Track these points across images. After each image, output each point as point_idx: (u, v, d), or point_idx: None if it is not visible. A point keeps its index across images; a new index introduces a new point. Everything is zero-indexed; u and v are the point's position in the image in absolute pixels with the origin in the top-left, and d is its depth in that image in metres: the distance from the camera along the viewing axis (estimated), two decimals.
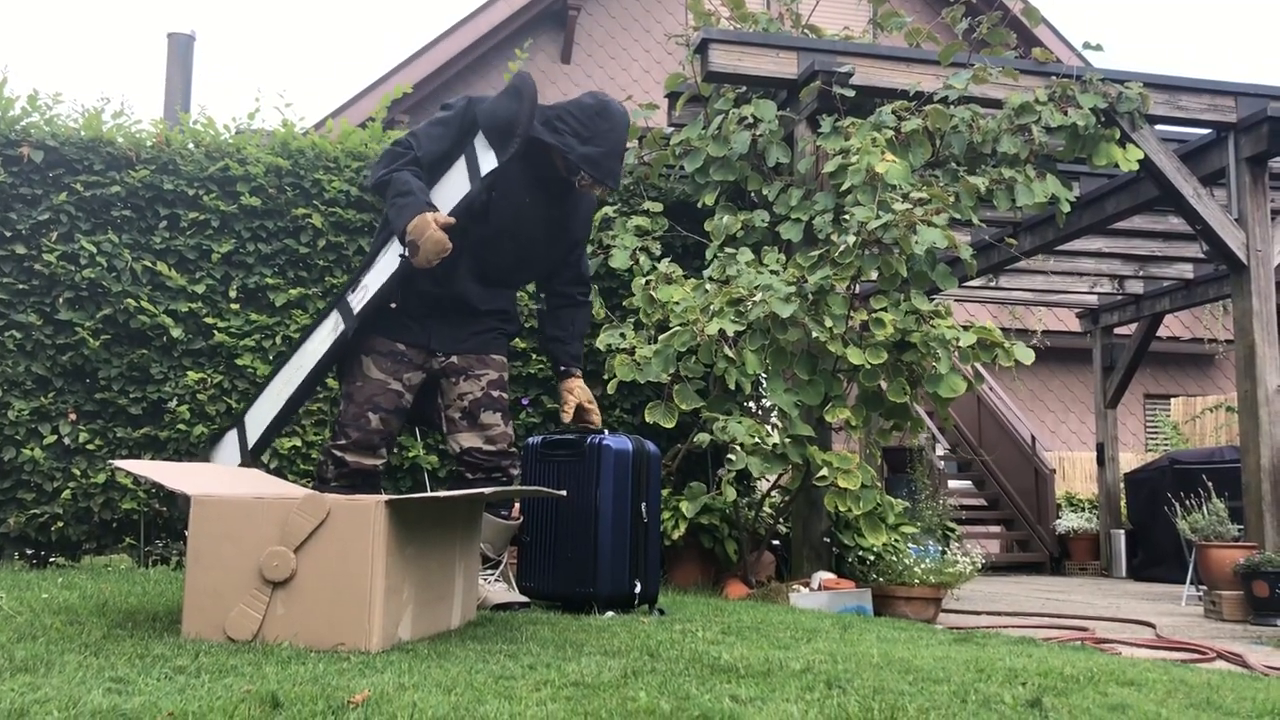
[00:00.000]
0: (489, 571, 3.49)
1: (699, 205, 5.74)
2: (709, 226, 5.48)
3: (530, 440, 3.63)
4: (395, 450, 5.22)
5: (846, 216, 4.80)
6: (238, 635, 2.46)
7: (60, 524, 4.94)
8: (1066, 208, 5.46)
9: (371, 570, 2.43)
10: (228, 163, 5.33)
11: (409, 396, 3.36)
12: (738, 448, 4.62)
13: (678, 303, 4.80)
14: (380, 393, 3.30)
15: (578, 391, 3.51)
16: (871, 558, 5.08)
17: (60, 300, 5.06)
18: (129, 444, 5.07)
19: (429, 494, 2.57)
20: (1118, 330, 10.53)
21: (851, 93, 5.36)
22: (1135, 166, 5.63)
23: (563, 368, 3.55)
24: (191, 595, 2.52)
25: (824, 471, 4.61)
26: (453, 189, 3.17)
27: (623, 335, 4.99)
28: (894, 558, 4.99)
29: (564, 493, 3.19)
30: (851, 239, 4.66)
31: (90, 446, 5.00)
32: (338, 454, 3.29)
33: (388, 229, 3.19)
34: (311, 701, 1.84)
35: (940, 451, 10.52)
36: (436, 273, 3.18)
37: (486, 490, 2.88)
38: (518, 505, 3.62)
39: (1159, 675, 2.64)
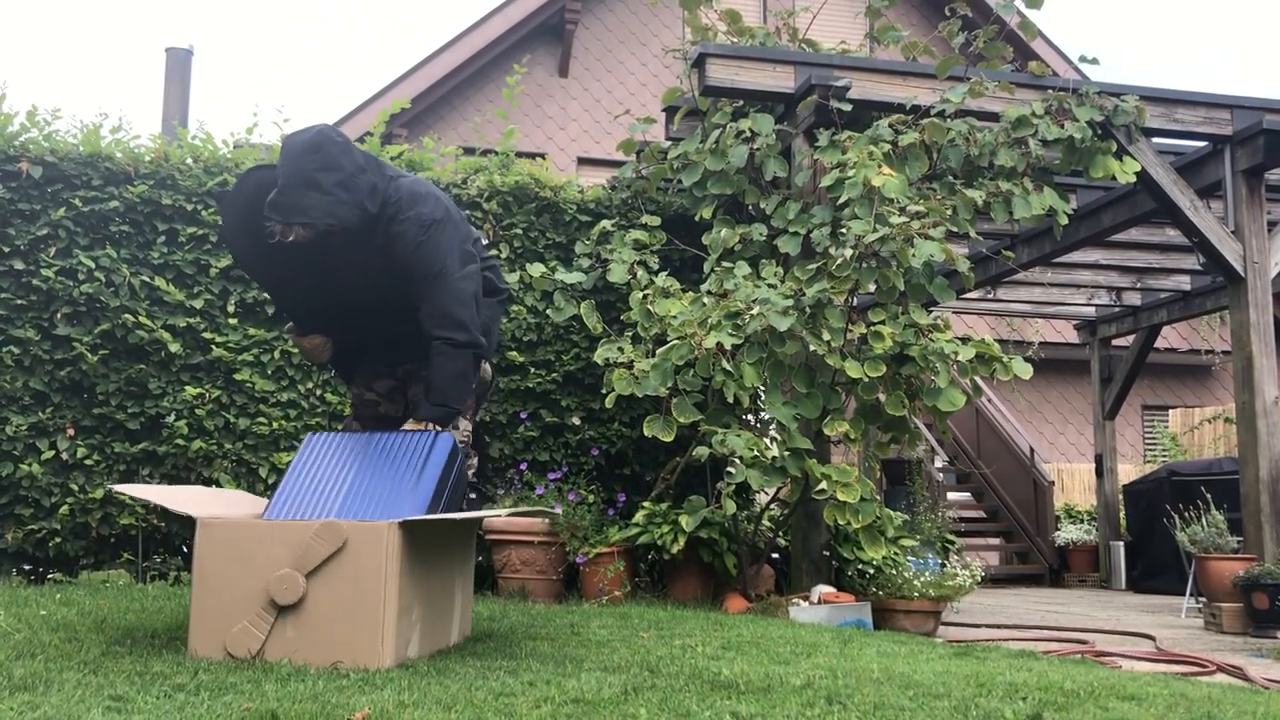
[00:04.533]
0: None
1: (697, 219, 5.76)
2: (707, 240, 5.49)
3: None
4: None
5: (844, 229, 4.81)
6: (237, 652, 2.45)
7: (58, 539, 4.93)
8: (1064, 220, 5.48)
9: (385, 592, 2.43)
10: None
11: (386, 405, 3.48)
12: (737, 461, 4.62)
13: (675, 316, 4.81)
14: (359, 403, 3.49)
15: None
16: (871, 571, 5.07)
17: (58, 315, 5.06)
18: (127, 459, 5.06)
19: (439, 515, 2.56)
20: (1115, 342, 10.54)
21: (848, 106, 5.38)
22: (1132, 179, 5.65)
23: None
24: (198, 618, 2.50)
25: (823, 485, 4.61)
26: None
27: (621, 349, 4.99)
28: (893, 571, 4.98)
29: (558, 510, 3.19)
30: (849, 252, 4.66)
31: (88, 462, 5.00)
32: None
33: None
34: (311, 719, 1.83)
35: (939, 463, 10.51)
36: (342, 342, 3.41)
37: (502, 512, 2.88)
38: None
39: (1159, 689, 2.63)
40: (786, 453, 4.66)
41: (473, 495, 3.49)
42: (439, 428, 3.04)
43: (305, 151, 2.94)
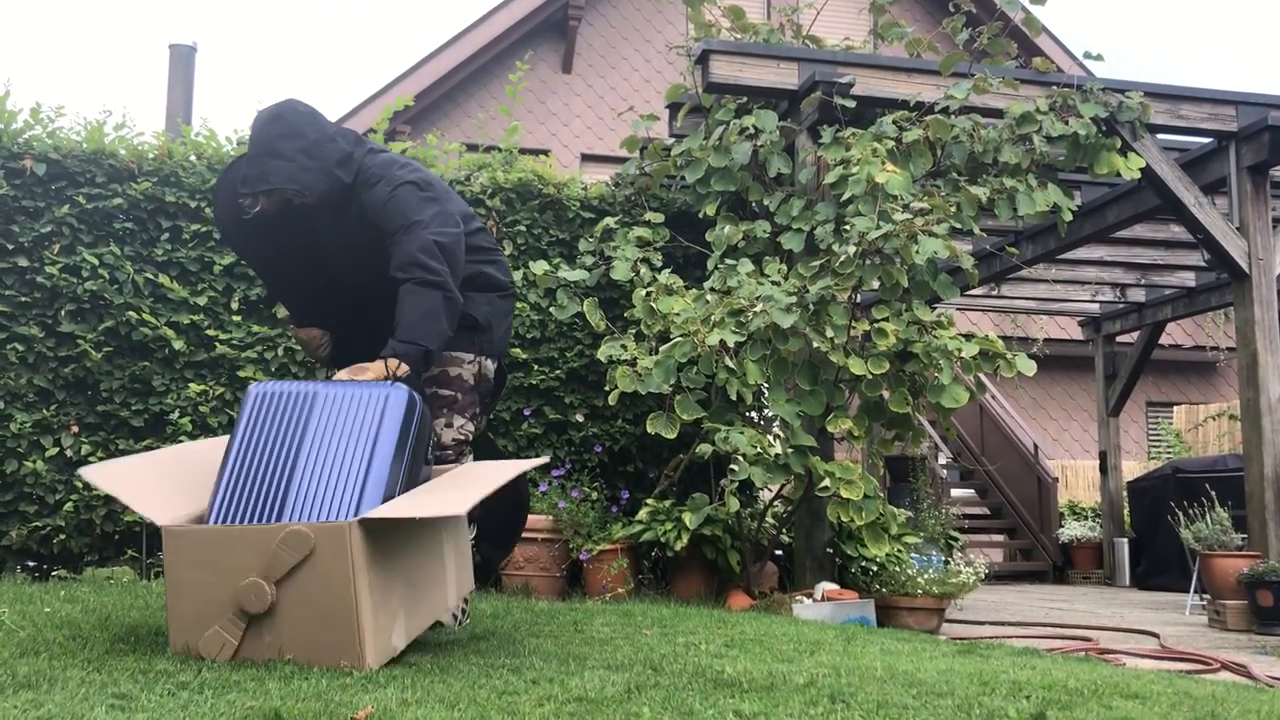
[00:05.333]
0: None
1: (700, 216, 5.75)
2: (710, 237, 5.49)
3: None
4: None
5: (847, 226, 4.80)
6: (216, 658, 2.42)
7: (62, 536, 4.94)
8: (1068, 217, 5.46)
9: (355, 592, 2.37)
10: None
11: None
12: (740, 458, 4.62)
13: (678, 314, 4.81)
14: None
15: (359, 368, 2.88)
16: (874, 568, 5.06)
17: (62, 313, 5.06)
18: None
19: (398, 515, 2.48)
20: (1120, 338, 10.52)
21: (852, 103, 5.37)
22: (1136, 175, 5.63)
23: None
24: (175, 624, 2.47)
25: (826, 482, 4.61)
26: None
27: (624, 346, 4.99)
28: (897, 568, 4.98)
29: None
30: (852, 249, 4.66)
31: (92, 459, 5.00)
32: None
33: None
34: (315, 718, 1.83)
35: (943, 460, 10.50)
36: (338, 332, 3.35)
37: (480, 498, 2.81)
38: None
39: (1163, 687, 2.63)
40: (790, 450, 4.66)
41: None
42: (404, 367, 2.84)
43: (267, 121, 2.93)
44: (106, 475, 2.67)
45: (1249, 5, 54.22)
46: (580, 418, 5.64)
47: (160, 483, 2.79)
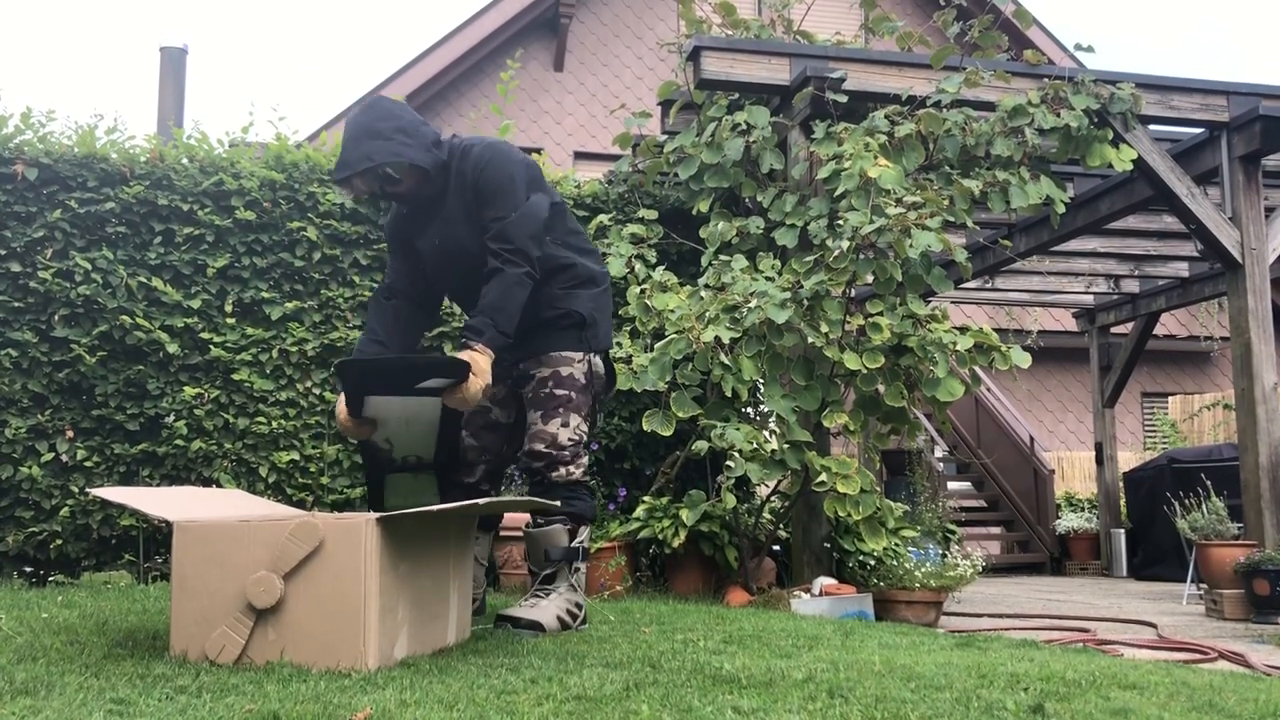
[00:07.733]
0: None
1: (694, 212, 5.75)
2: (704, 233, 5.49)
3: None
4: None
5: (841, 221, 4.80)
6: (217, 658, 2.42)
7: (59, 541, 4.93)
8: (1061, 209, 5.47)
9: (365, 591, 2.39)
10: (222, 177, 5.32)
11: (499, 411, 3.39)
12: (736, 454, 4.62)
13: (673, 310, 4.81)
14: (471, 413, 3.38)
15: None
16: (872, 562, 5.07)
17: (56, 317, 5.05)
18: (126, 460, 5.06)
19: (420, 509, 2.54)
20: (1114, 329, 10.54)
21: (844, 98, 5.37)
22: (1129, 167, 5.64)
23: (462, 339, 3.03)
24: (177, 623, 2.47)
25: (823, 477, 4.61)
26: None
27: (618, 344, 4.99)
28: (894, 562, 4.99)
29: (558, 503, 3.13)
30: (846, 244, 4.66)
31: (88, 464, 4.99)
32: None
33: None
34: (314, 719, 1.83)
35: (939, 453, 10.52)
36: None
37: (480, 501, 2.83)
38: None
39: (1161, 677, 2.63)
40: (786, 445, 4.66)
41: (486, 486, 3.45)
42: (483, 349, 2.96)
43: (362, 111, 3.03)
44: (115, 491, 2.74)
45: None
46: None
47: (168, 495, 2.87)
